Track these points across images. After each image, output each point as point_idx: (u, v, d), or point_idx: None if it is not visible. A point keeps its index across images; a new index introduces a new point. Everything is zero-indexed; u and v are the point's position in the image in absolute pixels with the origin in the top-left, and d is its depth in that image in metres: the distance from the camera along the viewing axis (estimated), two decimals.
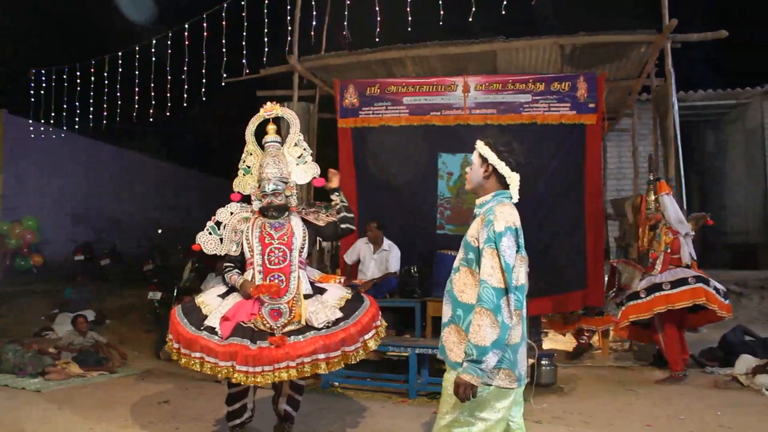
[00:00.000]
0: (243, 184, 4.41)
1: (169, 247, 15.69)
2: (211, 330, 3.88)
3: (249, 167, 4.40)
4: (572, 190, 7.05)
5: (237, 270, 4.16)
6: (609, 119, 9.15)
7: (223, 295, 4.15)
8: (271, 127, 4.38)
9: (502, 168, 2.73)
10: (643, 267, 6.74)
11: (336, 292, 4.22)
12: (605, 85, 7.28)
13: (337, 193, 4.45)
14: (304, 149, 4.48)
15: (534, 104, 7.08)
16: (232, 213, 4.38)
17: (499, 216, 2.59)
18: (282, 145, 4.40)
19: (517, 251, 2.63)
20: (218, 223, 4.36)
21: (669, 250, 6.22)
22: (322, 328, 3.91)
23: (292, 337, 3.85)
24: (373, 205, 7.32)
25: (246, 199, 4.41)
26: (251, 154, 4.42)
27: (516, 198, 2.77)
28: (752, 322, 8.39)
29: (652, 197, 6.53)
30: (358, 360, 3.99)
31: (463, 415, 2.59)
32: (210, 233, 4.35)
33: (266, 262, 4.07)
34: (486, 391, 2.57)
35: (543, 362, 5.97)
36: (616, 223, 10.97)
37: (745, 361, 5.99)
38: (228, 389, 4.24)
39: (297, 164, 4.44)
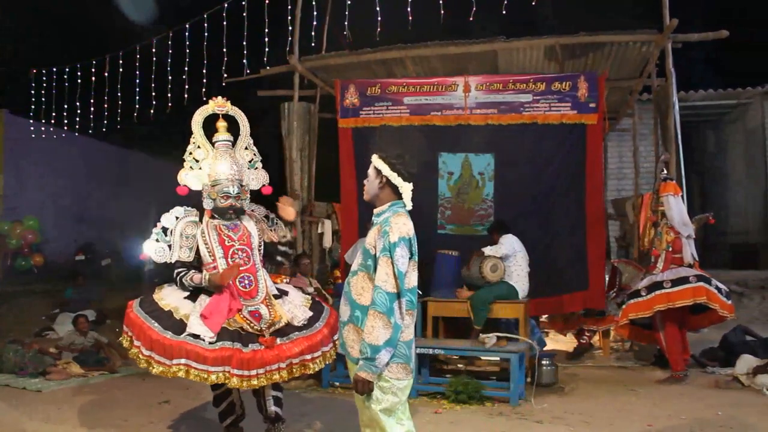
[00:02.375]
0: (190, 178, 4.16)
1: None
2: (195, 336, 3.72)
3: (197, 161, 4.17)
4: (573, 190, 7.04)
5: (193, 271, 3.98)
6: (610, 119, 9.14)
7: (191, 298, 3.97)
8: (222, 125, 4.22)
9: (395, 179, 2.96)
10: (644, 267, 6.74)
11: (298, 294, 4.24)
12: (606, 84, 7.28)
13: (290, 227, 4.29)
14: (255, 154, 4.36)
15: (535, 104, 7.08)
16: (177, 218, 4.16)
17: (394, 227, 2.83)
18: (232, 146, 4.25)
19: (410, 258, 2.85)
20: (164, 230, 4.13)
21: (671, 249, 6.22)
22: (302, 329, 3.94)
23: (278, 338, 3.83)
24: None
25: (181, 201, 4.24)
26: (199, 147, 4.19)
27: (409, 206, 3.00)
28: (753, 322, 8.39)
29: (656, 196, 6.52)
30: (331, 361, 4.08)
31: (378, 406, 2.81)
32: (157, 240, 4.11)
33: (230, 263, 3.97)
34: (389, 384, 2.81)
35: (544, 362, 5.97)
36: (617, 223, 10.97)
37: (746, 361, 5.99)
38: (212, 390, 4.20)
39: (248, 168, 4.31)
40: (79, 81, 8.76)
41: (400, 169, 2.96)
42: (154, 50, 8.23)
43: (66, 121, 9.34)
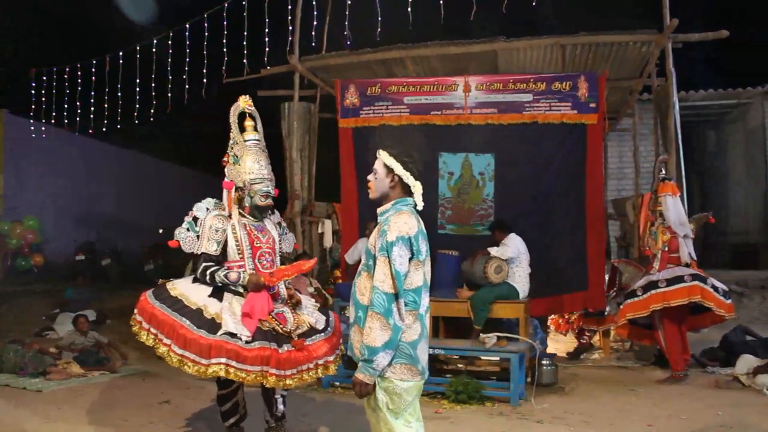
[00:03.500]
0: (234, 173, 4.14)
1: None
2: (232, 335, 3.68)
3: (237, 157, 4.15)
4: (573, 190, 7.04)
5: (226, 268, 3.93)
6: (610, 119, 9.15)
7: (217, 297, 3.91)
8: (251, 124, 4.22)
9: (408, 178, 2.91)
10: (644, 267, 6.74)
11: (307, 298, 4.26)
12: (606, 84, 7.28)
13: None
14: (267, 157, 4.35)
15: (535, 104, 7.08)
16: (207, 209, 4.15)
17: (393, 227, 2.77)
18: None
19: (412, 258, 2.77)
20: (195, 219, 4.13)
21: (667, 249, 6.22)
22: (321, 331, 3.98)
23: (306, 340, 3.86)
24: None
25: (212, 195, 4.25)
26: (237, 143, 4.19)
27: (420, 205, 2.95)
28: (753, 322, 8.39)
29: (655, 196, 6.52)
30: (340, 362, 4.10)
31: (385, 408, 2.77)
32: (188, 230, 4.11)
33: (258, 266, 3.96)
34: (392, 385, 2.75)
35: (544, 362, 5.97)
36: (617, 223, 10.97)
37: (746, 361, 5.99)
38: (219, 389, 4.19)
39: None
40: (79, 81, 8.76)
41: (411, 168, 2.91)
42: (154, 50, 8.23)
43: (66, 121, 9.34)
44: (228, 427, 4.26)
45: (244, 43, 7.68)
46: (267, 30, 7.57)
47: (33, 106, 9.21)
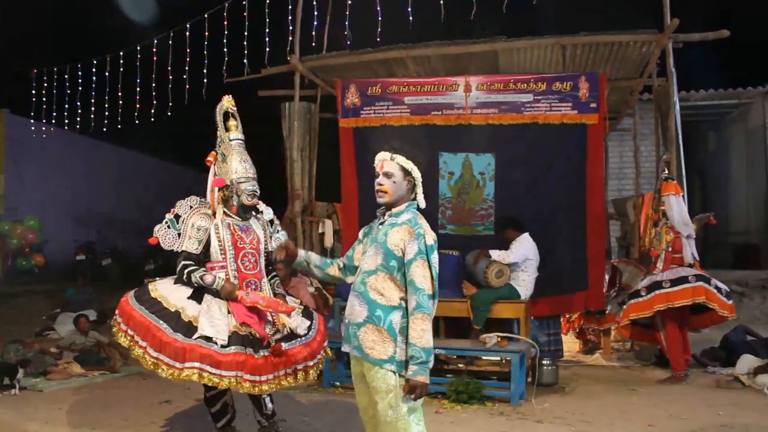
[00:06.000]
0: (221, 172, 4.11)
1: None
2: (207, 338, 3.64)
3: (225, 155, 4.14)
4: (573, 190, 7.03)
5: (203, 269, 3.87)
6: (610, 119, 9.13)
7: (196, 299, 3.84)
8: (234, 123, 4.18)
9: (419, 178, 3.01)
10: (645, 267, 6.73)
11: (290, 300, 4.18)
12: (607, 84, 7.27)
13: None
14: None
15: (535, 104, 7.06)
16: (191, 207, 4.10)
17: (427, 230, 2.90)
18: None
19: None
20: (177, 217, 4.07)
21: (670, 249, 6.21)
22: (302, 336, 3.94)
23: (284, 345, 3.81)
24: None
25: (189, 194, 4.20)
26: (223, 142, 4.17)
27: (423, 204, 3.05)
28: (754, 322, 8.40)
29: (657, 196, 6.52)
30: (322, 366, 4.12)
31: (404, 405, 2.83)
32: (168, 227, 4.04)
33: (240, 267, 3.92)
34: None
35: (544, 362, 5.97)
36: (618, 223, 10.97)
37: (747, 361, 5.99)
38: (206, 392, 4.15)
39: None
40: (79, 81, 8.76)
41: (420, 170, 3.00)
42: (154, 50, 8.23)
43: (66, 121, 9.35)
44: (221, 427, 4.23)
45: (245, 43, 7.68)
46: (267, 30, 7.56)
47: (33, 106, 9.22)
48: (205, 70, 8.02)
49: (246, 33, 7.61)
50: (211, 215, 4.02)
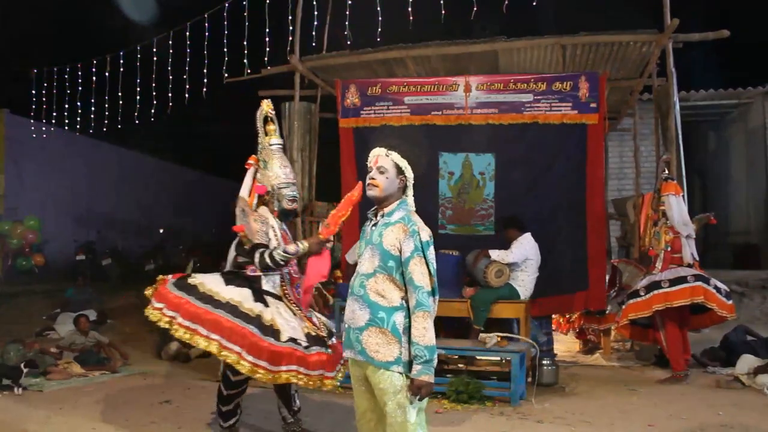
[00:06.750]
0: (263, 178, 4.19)
1: (170, 247, 15.70)
2: (294, 341, 3.72)
3: (266, 162, 4.21)
4: (573, 190, 7.02)
5: (278, 246, 3.91)
6: (610, 119, 9.13)
7: (261, 301, 3.87)
8: (273, 128, 4.27)
9: (411, 179, 3.02)
10: (645, 267, 6.73)
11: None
12: (607, 84, 7.27)
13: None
14: None
15: (535, 104, 7.06)
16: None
17: (421, 226, 2.89)
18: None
19: None
20: (242, 211, 4.15)
21: (670, 249, 6.22)
22: (333, 336, 4.05)
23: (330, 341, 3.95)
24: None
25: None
26: (264, 148, 4.24)
27: (413, 207, 3.03)
28: (754, 322, 8.40)
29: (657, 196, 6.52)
30: None
31: (413, 406, 2.82)
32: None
33: (291, 270, 4.08)
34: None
35: (544, 362, 5.97)
36: (618, 223, 10.97)
37: (747, 361, 5.99)
38: (226, 390, 4.17)
39: None
40: (80, 81, 8.76)
41: (418, 172, 3.04)
42: (154, 50, 8.23)
43: (66, 121, 9.35)
44: (228, 427, 4.26)
45: (245, 43, 7.68)
46: (267, 30, 7.56)
47: (33, 106, 9.22)
48: (205, 70, 8.02)
49: (246, 33, 7.61)
50: (266, 217, 4.11)
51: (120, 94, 8.68)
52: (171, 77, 8.22)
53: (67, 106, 9.12)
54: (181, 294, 3.84)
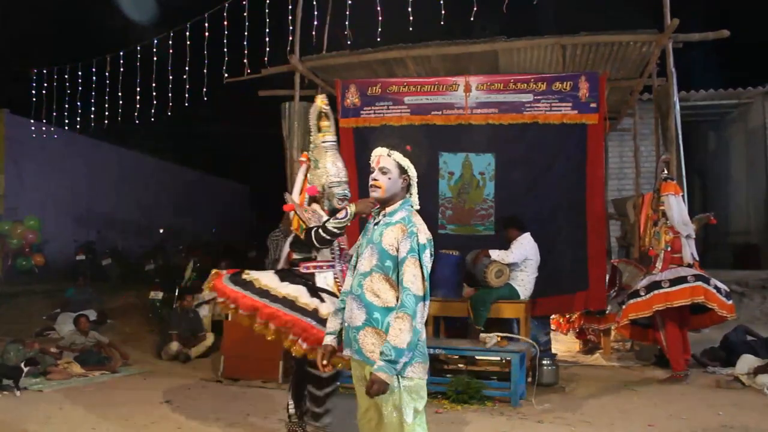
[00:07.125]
0: (314, 178, 4.20)
1: (170, 247, 15.70)
2: None
3: (317, 160, 4.19)
4: (573, 190, 7.02)
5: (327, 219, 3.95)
6: (610, 119, 9.12)
7: (318, 297, 3.92)
8: (327, 124, 4.22)
9: (414, 178, 2.99)
10: (645, 267, 6.73)
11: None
12: (607, 84, 7.27)
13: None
14: None
15: (535, 104, 7.06)
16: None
17: (421, 228, 2.85)
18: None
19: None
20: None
21: (670, 249, 6.21)
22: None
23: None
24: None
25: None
26: (316, 147, 4.22)
27: (417, 205, 3.01)
28: (754, 322, 8.39)
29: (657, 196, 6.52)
30: None
31: (409, 407, 2.79)
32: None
33: (343, 266, 4.16)
34: (414, 384, 2.80)
35: (544, 362, 5.97)
36: (618, 223, 10.97)
37: (747, 361, 5.99)
38: (320, 390, 4.20)
39: None
40: (80, 81, 8.76)
41: (418, 171, 2.99)
42: (154, 50, 8.23)
43: (66, 121, 9.34)
44: (323, 427, 4.23)
45: (245, 42, 7.67)
46: (267, 30, 7.56)
47: (33, 106, 9.21)
48: (205, 70, 8.01)
49: (246, 33, 7.61)
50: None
51: (120, 94, 8.67)
52: (171, 77, 8.21)
53: (67, 106, 9.11)
54: (237, 289, 3.89)
